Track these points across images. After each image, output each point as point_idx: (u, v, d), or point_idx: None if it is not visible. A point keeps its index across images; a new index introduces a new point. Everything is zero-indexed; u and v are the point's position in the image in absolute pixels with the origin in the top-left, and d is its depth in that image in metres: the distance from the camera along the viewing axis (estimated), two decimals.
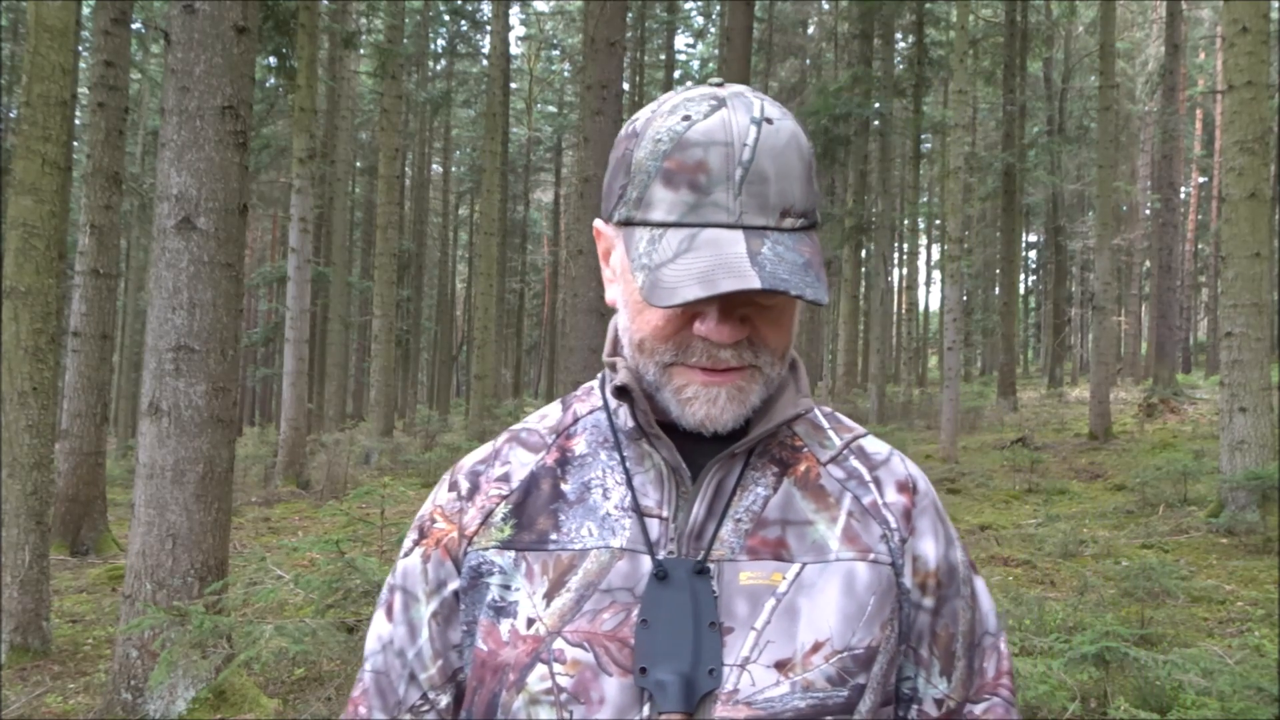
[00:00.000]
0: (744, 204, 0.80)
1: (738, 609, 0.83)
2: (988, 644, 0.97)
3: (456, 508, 0.93)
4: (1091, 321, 20.38)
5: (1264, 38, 8.03)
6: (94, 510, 8.07)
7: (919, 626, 0.92)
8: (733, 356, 0.84)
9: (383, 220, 18.21)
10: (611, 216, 0.88)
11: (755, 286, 0.76)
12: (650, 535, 0.86)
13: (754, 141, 0.81)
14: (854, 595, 0.85)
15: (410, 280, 31.62)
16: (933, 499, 0.96)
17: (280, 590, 4.44)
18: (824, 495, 0.90)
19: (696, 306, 0.82)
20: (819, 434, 0.96)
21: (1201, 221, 33.15)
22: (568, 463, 0.92)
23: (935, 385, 25.96)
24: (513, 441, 0.97)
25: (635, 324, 0.87)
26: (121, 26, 7.79)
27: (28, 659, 5.18)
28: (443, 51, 31.83)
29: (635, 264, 0.82)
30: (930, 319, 41.52)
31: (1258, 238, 7.84)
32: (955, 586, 0.94)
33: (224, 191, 4.25)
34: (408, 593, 0.93)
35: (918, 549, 0.91)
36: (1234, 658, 4.09)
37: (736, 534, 0.86)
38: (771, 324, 0.85)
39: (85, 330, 7.67)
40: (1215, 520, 7.85)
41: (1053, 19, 24.94)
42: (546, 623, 0.84)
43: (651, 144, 0.83)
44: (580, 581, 0.85)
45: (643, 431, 0.88)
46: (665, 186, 0.81)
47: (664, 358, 0.85)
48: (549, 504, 0.90)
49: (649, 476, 0.89)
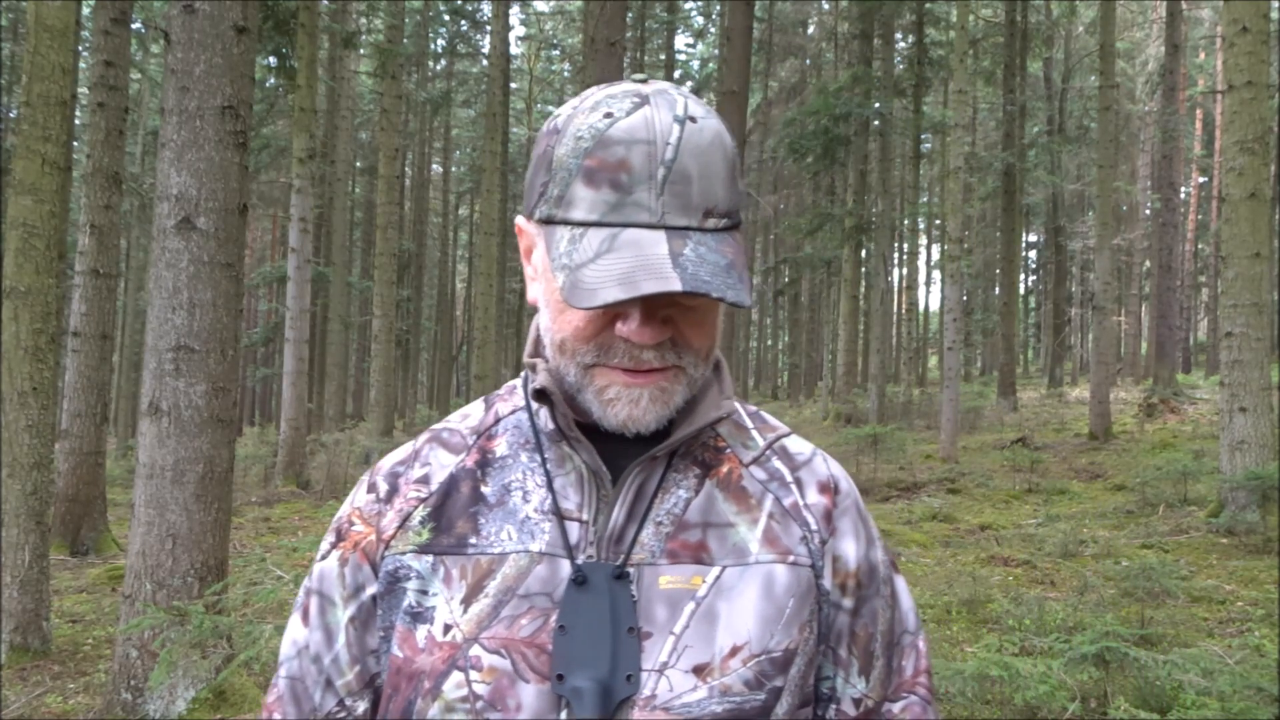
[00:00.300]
0: (666, 204, 0.78)
1: (657, 614, 0.82)
2: (906, 643, 0.96)
3: (374, 510, 0.91)
4: (1091, 321, 20.38)
5: (1264, 38, 8.03)
6: (94, 510, 8.07)
7: (838, 627, 0.91)
8: (655, 357, 0.82)
9: (383, 220, 18.21)
10: (532, 214, 0.86)
11: (676, 289, 0.74)
12: (570, 539, 0.85)
13: (677, 140, 0.79)
14: (773, 598, 0.85)
15: (410, 280, 31.63)
16: (854, 499, 0.95)
17: (280, 590, 4.43)
18: (746, 497, 0.89)
19: (618, 308, 0.81)
20: (742, 435, 0.95)
21: (1201, 221, 33.14)
22: (488, 464, 0.91)
23: (935, 385, 25.96)
24: (433, 442, 0.94)
25: (556, 324, 0.85)
26: (121, 26, 7.79)
27: (28, 659, 5.18)
28: (443, 51, 31.84)
29: (556, 264, 0.81)
30: (930, 319, 41.51)
31: (1258, 238, 7.84)
32: (875, 586, 0.93)
33: (224, 191, 4.25)
34: (324, 597, 0.91)
35: (838, 550, 0.91)
36: (1234, 658, 4.09)
37: (657, 537, 0.85)
38: (694, 325, 0.84)
39: (85, 330, 7.67)
40: (1215, 520, 7.85)
41: (1053, 19, 24.95)
42: (463, 629, 0.83)
43: (573, 141, 0.81)
44: (498, 586, 0.84)
45: (563, 434, 0.87)
46: (586, 185, 0.79)
47: (585, 359, 0.84)
48: (468, 507, 0.88)
49: (570, 479, 0.88)
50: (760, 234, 37.73)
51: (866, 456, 11.92)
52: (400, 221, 26.33)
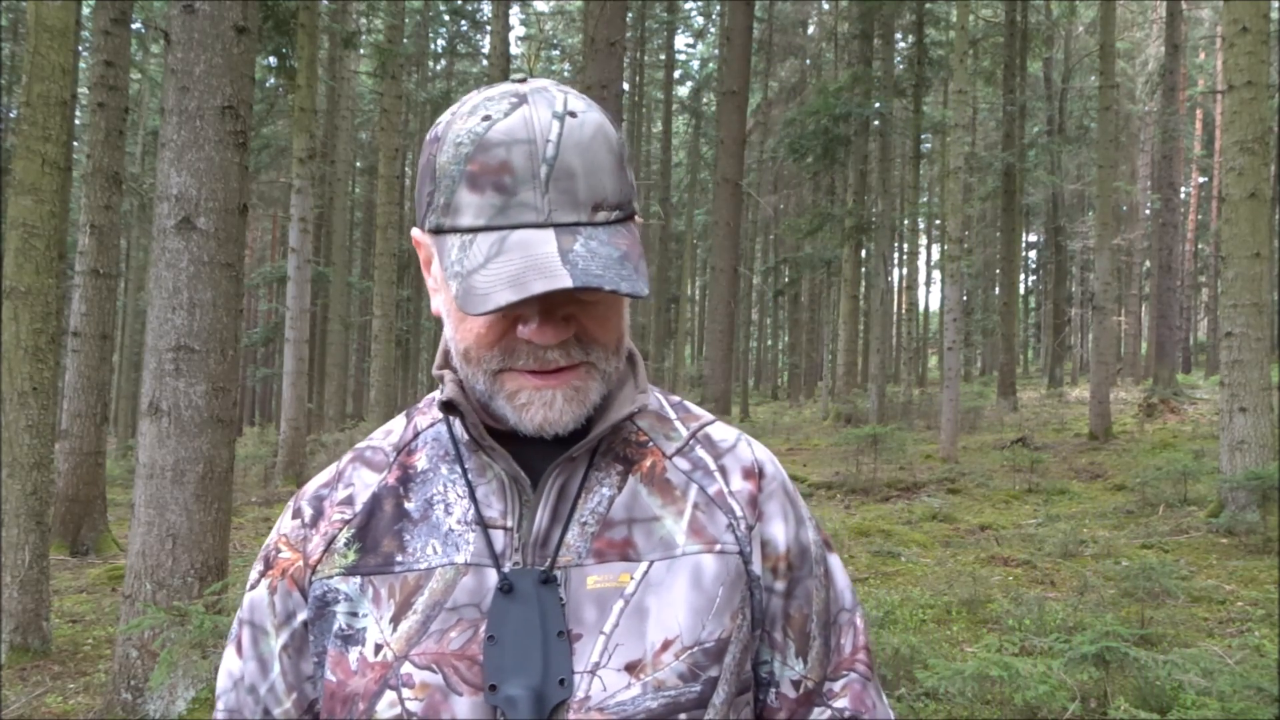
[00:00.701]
0: (552, 201, 0.78)
1: (586, 614, 0.82)
2: (844, 620, 0.96)
3: (300, 535, 0.91)
4: (1091, 321, 20.38)
5: (1264, 38, 8.03)
6: (94, 510, 8.07)
7: (771, 610, 0.91)
8: (561, 356, 0.82)
9: (383, 220, 18.21)
10: (424, 225, 0.85)
11: (566, 284, 0.74)
12: (495, 547, 0.84)
13: (557, 137, 0.78)
14: (702, 588, 0.84)
15: (410, 280, 31.62)
16: (781, 481, 0.95)
17: None
18: (670, 489, 0.89)
19: (513, 310, 0.80)
20: (665, 426, 0.94)
21: (1201, 221, 33.15)
22: (410, 480, 0.90)
23: (935, 385, 25.97)
24: (356, 461, 0.94)
25: (459, 334, 0.84)
26: (121, 26, 7.79)
27: (28, 659, 5.18)
28: (443, 51, 31.84)
29: (449, 272, 0.79)
30: (930, 319, 41.51)
31: (1258, 238, 7.84)
32: (808, 567, 0.93)
33: (224, 191, 4.25)
34: (256, 626, 0.91)
35: (766, 533, 0.90)
36: (1234, 658, 4.09)
37: (583, 538, 0.85)
38: (598, 320, 0.83)
39: (85, 330, 7.67)
40: (1215, 520, 7.84)
41: (1053, 19, 24.95)
42: (394, 647, 0.82)
43: (453, 148, 0.80)
44: (426, 602, 0.83)
45: (479, 444, 0.86)
46: (470, 190, 0.79)
47: (491, 365, 0.83)
48: (393, 524, 0.87)
49: (492, 487, 0.87)
50: (760, 234, 37.73)
51: (866, 456, 11.92)
52: (400, 221, 26.31)
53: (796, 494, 0.96)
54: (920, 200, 33.58)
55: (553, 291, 0.74)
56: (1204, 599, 5.95)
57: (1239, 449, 7.78)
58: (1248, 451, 7.74)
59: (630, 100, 29.36)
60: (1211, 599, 5.96)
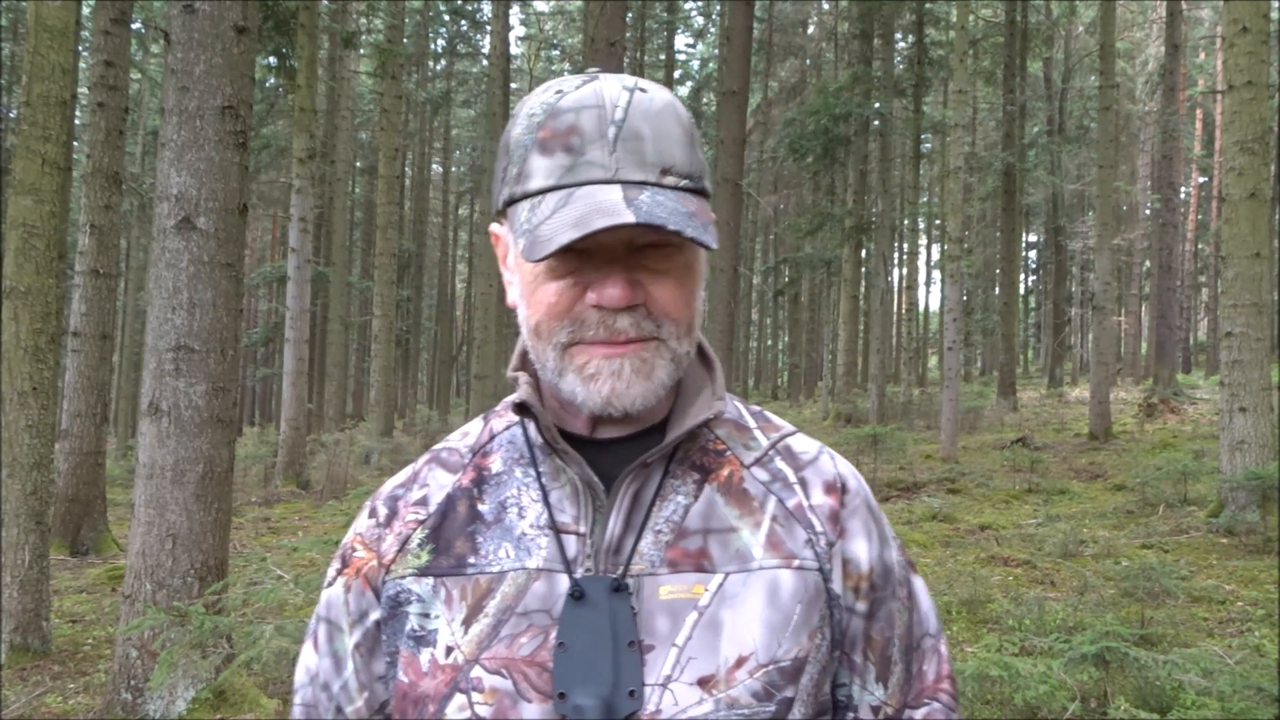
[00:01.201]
0: (620, 159, 0.78)
1: (658, 625, 0.80)
2: (927, 646, 0.93)
3: (375, 535, 0.91)
4: (1091, 321, 20.38)
5: (1264, 38, 8.03)
6: (94, 510, 8.07)
7: (852, 632, 0.88)
8: (631, 325, 0.80)
9: (383, 220, 18.21)
10: (498, 205, 0.86)
11: (629, 220, 0.73)
12: (567, 553, 0.83)
13: (626, 104, 0.80)
14: (778, 605, 0.82)
15: (410, 280, 31.63)
16: (865, 498, 0.92)
17: (280, 590, 4.43)
18: (747, 500, 0.86)
19: (581, 275, 0.80)
20: (744, 435, 0.92)
21: (1201, 221, 33.15)
22: (484, 482, 0.89)
23: (935, 385, 25.96)
24: (432, 463, 0.94)
25: (530, 308, 0.84)
26: (121, 26, 7.79)
27: (28, 659, 5.18)
28: (443, 51, 31.84)
29: (517, 233, 0.81)
30: (930, 319, 41.51)
31: (1258, 238, 7.84)
32: (890, 588, 0.90)
33: (224, 191, 4.25)
34: (331, 624, 0.91)
35: (848, 552, 0.87)
36: (1234, 658, 4.09)
37: (656, 546, 0.83)
38: (668, 291, 0.82)
39: (85, 330, 7.67)
40: (1215, 520, 7.84)
41: (1053, 19, 24.95)
42: (465, 650, 0.81)
43: (526, 120, 0.82)
44: (498, 605, 0.82)
45: (552, 447, 0.85)
46: (541, 155, 0.80)
47: (561, 337, 0.82)
48: (466, 526, 0.87)
49: (565, 492, 0.86)
50: (760, 234, 37.72)
51: (866, 456, 11.91)
52: (400, 221, 26.32)
53: (880, 512, 0.93)
54: (920, 200, 33.58)
55: (617, 227, 0.74)
56: (1204, 599, 5.95)
57: (1239, 449, 7.78)
58: (1248, 451, 7.74)
59: None
60: (1211, 599, 5.96)
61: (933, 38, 22.53)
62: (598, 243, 0.78)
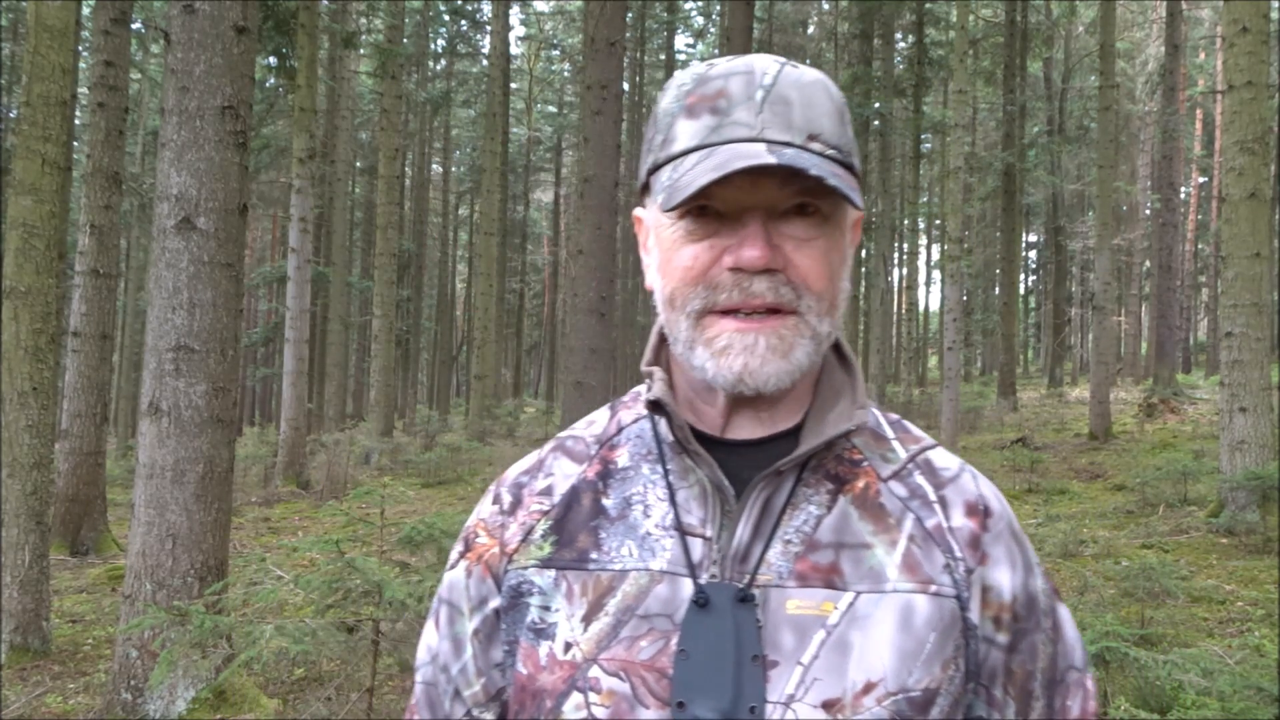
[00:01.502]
0: (766, 120, 0.77)
1: (783, 641, 0.77)
2: (1072, 680, 0.87)
3: (498, 522, 0.89)
4: (1091, 321, 20.38)
5: (1264, 38, 8.03)
6: (94, 510, 8.07)
7: (991, 664, 0.83)
8: (768, 290, 0.78)
9: (383, 220, 18.21)
10: (642, 177, 0.86)
11: (769, 161, 0.72)
12: (692, 557, 0.80)
13: (776, 73, 0.79)
14: (911, 631, 0.78)
15: (410, 280, 31.63)
16: (1008, 522, 0.86)
17: (280, 590, 4.44)
18: (884, 516, 0.82)
19: (721, 240, 0.78)
20: (881, 446, 0.87)
21: (1201, 221, 33.15)
22: (610, 475, 0.87)
23: (935, 385, 25.97)
24: (558, 451, 0.92)
25: (666, 277, 0.82)
26: (121, 26, 7.79)
27: (28, 659, 5.18)
28: (443, 51, 31.84)
29: (656, 194, 0.81)
30: (930, 319, 41.52)
31: (1258, 238, 7.84)
32: (1035, 619, 0.85)
33: (224, 191, 4.25)
34: (453, 606, 0.91)
35: (989, 579, 0.82)
36: (1234, 658, 4.09)
37: (785, 557, 0.79)
38: (811, 260, 0.79)
39: (85, 330, 7.67)
40: (1215, 520, 7.85)
41: (1053, 19, 24.95)
42: (583, 648, 0.80)
43: (674, 90, 0.83)
44: (618, 605, 0.80)
45: (683, 446, 0.82)
46: (687, 118, 0.80)
47: (694, 304, 0.80)
48: (589, 520, 0.85)
49: (693, 492, 0.83)
50: None
51: None
52: (400, 221, 26.33)
53: (1024, 537, 0.88)
54: (920, 200, 33.59)
55: (756, 168, 0.73)
56: (1204, 599, 5.95)
57: (1239, 449, 7.78)
58: (1248, 451, 7.74)
59: (630, 100, 29.35)
60: (1211, 599, 5.97)
61: (933, 38, 22.53)
62: (738, 204, 0.77)
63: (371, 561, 4.11)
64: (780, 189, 0.77)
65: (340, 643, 3.79)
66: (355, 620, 4.03)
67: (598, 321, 8.25)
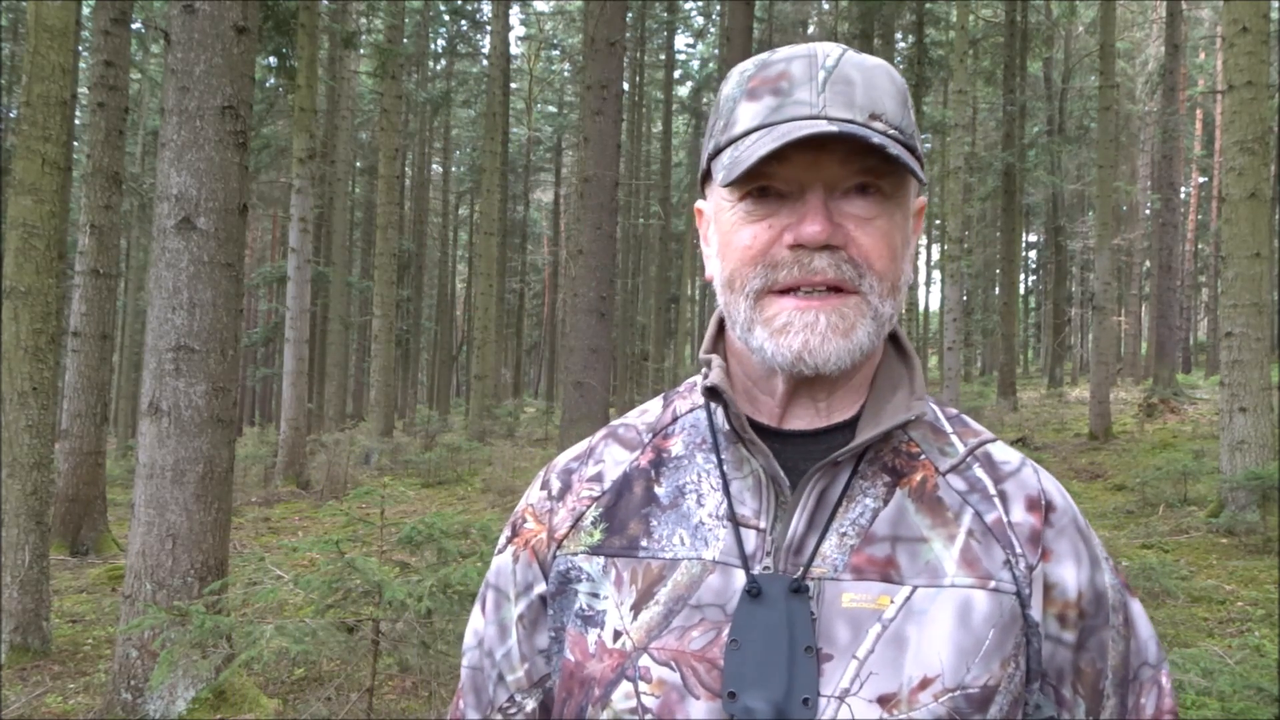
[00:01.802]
0: (827, 99, 0.77)
1: (838, 634, 0.75)
2: (1145, 677, 0.84)
3: (547, 508, 0.89)
4: (1091, 321, 20.39)
5: (1264, 38, 8.03)
6: (94, 510, 8.07)
7: (1059, 663, 0.81)
8: (830, 266, 0.77)
9: (383, 220, 18.21)
10: (703, 164, 0.85)
11: (829, 130, 0.72)
12: (745, 548, 0.79)
13: (839, 56, 0.79)
14: (969, 627, 0.76)
15: (410, 280, 31.63)
16: (1073, 517, 0.84)
17: (280, 590, 4.43)
18: (941, 509, 0.80)
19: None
20: (939, 439, 0.86)
21: (1201, 221, 33.15)
22: (662, 464, 0.86)
23: (935, 385, 25.97)
24: (609, 438, 0.91)
25: (725, 259, 0.82)
26: (121, 26, 7.79)
27: (28, 659, 5.18)
28: (443, 51, 31.84)
29: (717, 174, 0.81)
30: (930, 319, 41.52)
31: (1258, 238, 7.84)
32: (1103, 615, 0.83)
33: (224, 191, 4.25)
34: (499, 591, 0.91)
35: (1053, 576, 0.81)
36: (1234, 658, 4.09)
37: (840, 550, 0.78)
38: (873, 238, 0.78)
39: (85, 330, 7.67)
40: (1215, 520, 7.85)
41: (1053, 19, 24.94)
42: (633, 637, 0.79)
43: (737, 76, 0.83)
44: (669, 594, 0.79)
45: (739, 435, 0.81)
46: (749, 101, 0.80)
47: (754, 284, 0.79)
48: (641, 508, 0.84)
49: (747, 483, 0.82)
50: None
51: None
52: (400, 221, 26.33)
53: (1090, 531, 0.86)
54: None
55: (816, 136, 0.72)
56: (1204, 599, 5.95)
57: (1239, 449, 7.78)
58: (1248, 451, 7.74)
59: (630, 100, 29.35)
60: (1211, 599, 5.97)
61: (933, 38, 22.53)
62: (798, 182, 0.77)
63: (371, 561, 4.11)
64: (841, 166, 0.76)
65: (340, 643, 3.79)
66: (355, 620, 4.03)
67: (598, 321, 8.25)
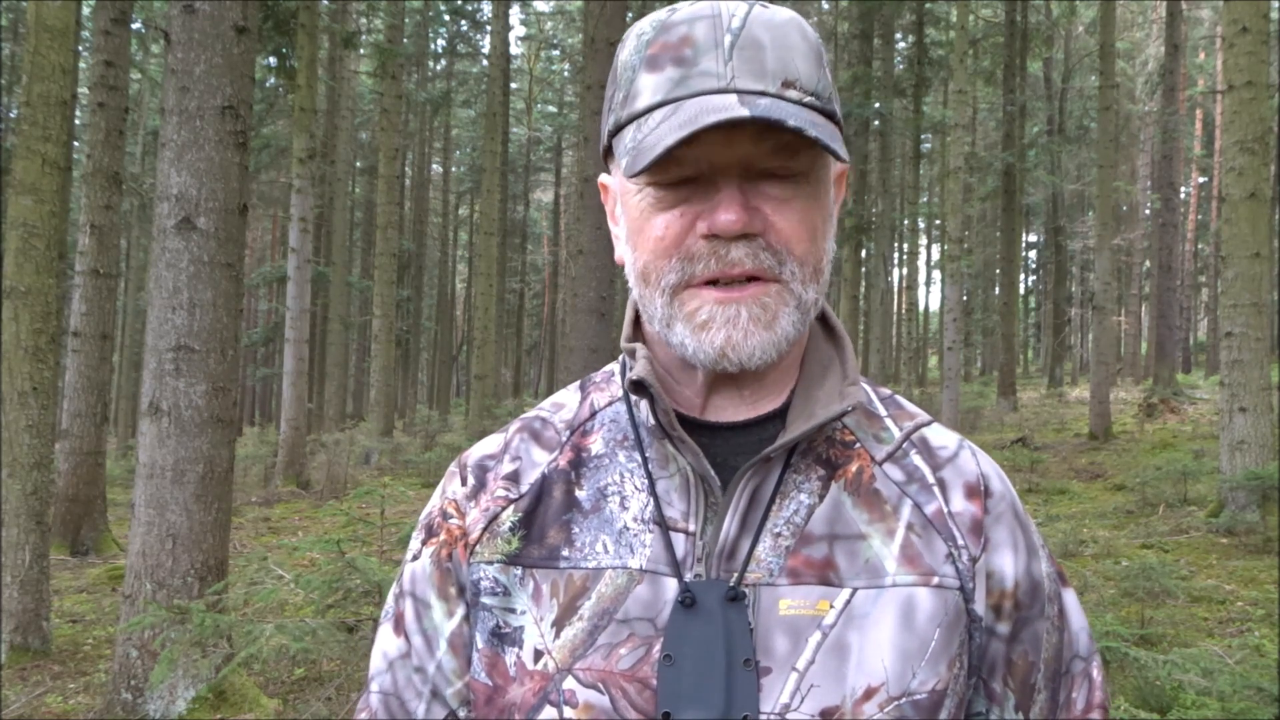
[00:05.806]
0: (736, 69, 0.69)
1: (776, 645, 0.70)
2: (1077, 670, 0.81)
3: (466, 506, 0.81)
4: (1091, 321, 20.39)
5: (1264, 38, 8.03)
6: (94, 510, 8.07)
7: (991, 655, 0.77)
8: (747, 256, 0.71)
9: (383, 220, 18.21)
10: (604, 139, 0.78)
11: (741, 115, 0.65)
12: (675, 553, 0.73)
13: (745, 14, 0.71)
14: (913, 629, 0.71)
15: (410, 280, 31.63)
16: (1010, 502, 0.80)
17: (280, 590, 4.44)
18: (879, 503, 0.75)
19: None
20: (874, 424, 0.80)
21: (1201, 221, 33.16)
22: (582, 464, 0.79)
23: (935, 385, 25.96)
24: (525, 433, 0.83)
25: (637, 250, 0.75)
26: (121, 26, 7.79)
27: (28, 659, 5.18)
28: (443, 51, 31.85)
29: (620, 154, 0.73)
30: (930, 319, 41.52)
31: (1258, 238, 7.84)
32: (1039, 606, 0.78)
33: (224, 191, 4.25)
34: (419, 600, 0.81)
35: (992, 566, 0.76)
36: (1234, 658, 4.09)
37: (775, 552, 0.73)
38: (792, 221, 0.71)
39: (85, 330, 7.67)
40: (1215, 520, 7.85)
41: (1053, 19, 24.94)
42: (556, 657, 0.72)
43: (634, 40, 0.75)
44: (593, 608, 0.73)
45: (665, 431, 0.75)
46: (649, 71, 0.72)
47: (670, 278, 0.72)
48: (562, 513, 0.77)
49: (674, 482, 0.76)
50: None
51: None
52: (400, 221, 26.33)
53: (1027, 517, 0.81)
54: (920, 200, 33.59)
55: (728, 122, 0.65)
56: (1204, 599, 5.95)
57: (1239, 449, 7.78)
58: (1248, 451, 7.74)
59: None
60: (1211, 599, 5.97)
61: (933, 38, 22.54)
62: (710, 165, 0.70)
63: (371, 561, 4.12)
64: (755, 145, 0.70)
65: (340, 642, 3.79)
66: (355, 620, 4.03)
67: (598, 321, 8.25)
